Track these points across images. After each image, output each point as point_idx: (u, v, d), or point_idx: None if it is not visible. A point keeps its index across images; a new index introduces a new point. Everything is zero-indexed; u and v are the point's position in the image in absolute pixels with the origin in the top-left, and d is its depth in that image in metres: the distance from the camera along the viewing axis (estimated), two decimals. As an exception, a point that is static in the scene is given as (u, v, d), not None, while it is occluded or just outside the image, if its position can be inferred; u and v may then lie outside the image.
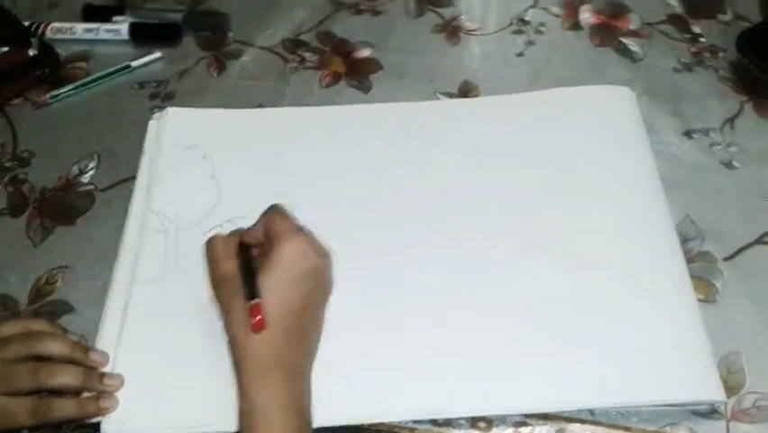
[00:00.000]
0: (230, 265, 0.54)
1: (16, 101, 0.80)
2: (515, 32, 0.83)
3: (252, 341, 0.51)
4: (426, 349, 0.57)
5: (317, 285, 0.56)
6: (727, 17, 0.82)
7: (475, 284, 0.60)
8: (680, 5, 0.84)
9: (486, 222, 0.64)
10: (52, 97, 0.79)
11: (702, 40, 0.80)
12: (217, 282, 0.55)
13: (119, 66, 0.81)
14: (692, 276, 0.60)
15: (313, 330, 0.56)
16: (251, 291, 0.52)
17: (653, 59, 0.79)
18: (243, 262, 0.54)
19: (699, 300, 0.59)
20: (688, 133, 0.72)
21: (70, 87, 0.80)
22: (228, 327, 0.53)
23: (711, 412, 0.54)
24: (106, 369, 0.57)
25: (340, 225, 0.59)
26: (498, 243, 0.63)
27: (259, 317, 0.50)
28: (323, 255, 0.56)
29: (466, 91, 0.77)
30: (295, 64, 0.82)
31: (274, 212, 0.56)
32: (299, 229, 0.55)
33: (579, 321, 0.58)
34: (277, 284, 0.52)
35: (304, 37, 0.85)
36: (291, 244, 0.54)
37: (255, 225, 0.57)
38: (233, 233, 0.58)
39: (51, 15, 0.88)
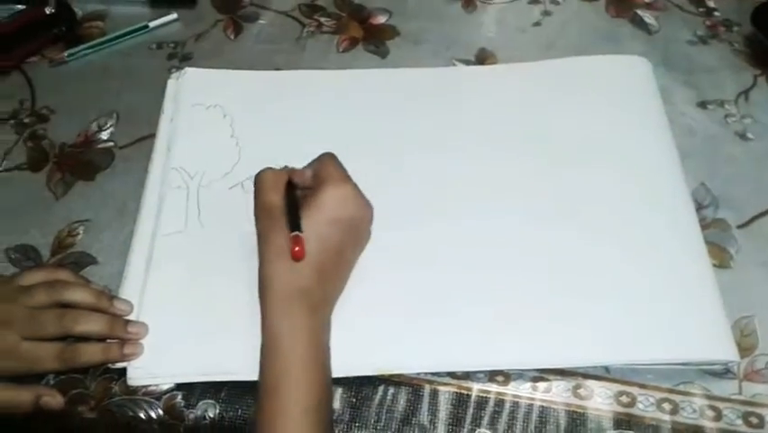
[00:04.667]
0: (275, 197, 0.56)
1: (34, 59, 0.79)
2: (531, 2, 0.83)
3: (281, 269, 0.53)
4: (447, 304, 0.58)
5: (354, 233, 0.57)
6: (742, -8, 0.82)
7: (496, 245, 0.61)
8: (695, -21, 0.84)
9: (504, 188, 0.65)
10: (70, 55, 0.79)
11: (717, 14, 0.81)
12: (261, 211, 0.56)
13: (137, 26, 0.81)
14: (707, 242, 0.61)
15: (340, 273, 0.57)
16: (294, 224, 0.53)
17: (668, 32, 0.79)
18: (289, 197, 0.56)
19: (714, 266, 0.60)
20: (702, 105, 0.72)
21: (88, 45, 0.80)
22: (262, 254, 0.55)
23: (724, 372, 0.55)
24: (131, 318, 0.57)
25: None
26: (517, 207, 0.63)
27: (298, 247, 0.52)
28: (365, 207, 0.57)
29: (483, 58, 0.77)
30: (311, 29, 0.82)
31: (327, 158, 0.58)
32: (348, 178, 0.57)
33: (597, 282, 0.59)
34: (317, 222, 0.54)
35: (320, 2, 0.85)
36: (337, 189, 0.55)
37: (306, 167, 0.59)
38: (283, 169, 0.59)
39: (68, -26, 0.87)
